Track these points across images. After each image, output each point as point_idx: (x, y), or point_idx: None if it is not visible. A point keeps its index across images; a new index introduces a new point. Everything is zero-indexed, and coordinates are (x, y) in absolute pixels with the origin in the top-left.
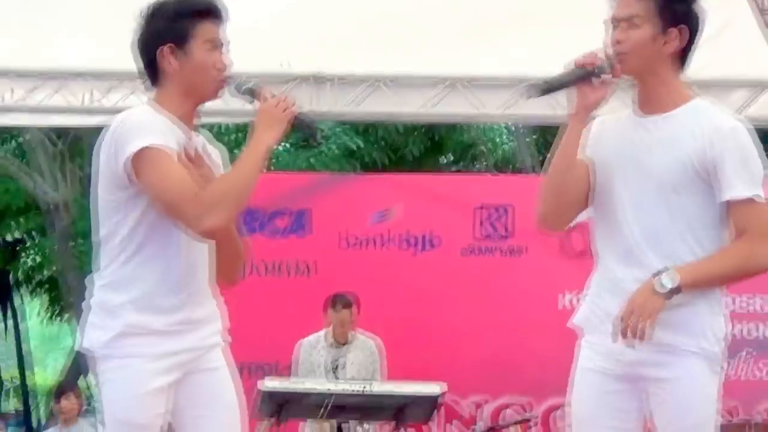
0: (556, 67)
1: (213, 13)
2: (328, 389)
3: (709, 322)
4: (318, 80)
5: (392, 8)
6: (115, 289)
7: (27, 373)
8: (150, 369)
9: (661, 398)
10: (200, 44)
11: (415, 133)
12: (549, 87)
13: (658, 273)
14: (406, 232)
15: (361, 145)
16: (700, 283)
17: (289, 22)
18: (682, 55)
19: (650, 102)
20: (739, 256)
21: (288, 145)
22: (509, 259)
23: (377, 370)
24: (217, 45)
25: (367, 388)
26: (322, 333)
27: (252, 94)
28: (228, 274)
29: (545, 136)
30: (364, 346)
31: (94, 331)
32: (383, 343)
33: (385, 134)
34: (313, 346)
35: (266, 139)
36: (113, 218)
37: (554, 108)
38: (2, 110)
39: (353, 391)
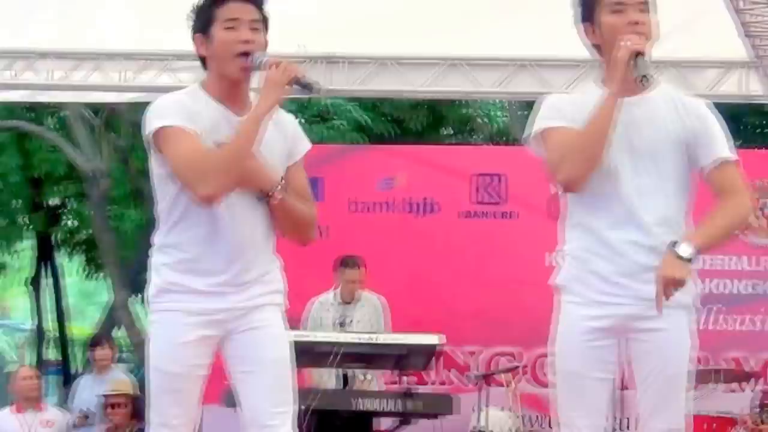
0: (544, 48)
1: None
2: (337, 340)
3: (692, 279)
4: (330, 61)
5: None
6: (161, 252)
7: (66, 325)
8: (186, 323)
9: (652, 347)
10: (220, 25)
11: (419, 108)
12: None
13: (673, 244)
14: (409, 197)
15: (370, 119)
16: (707, 248)
17: (305, 8)
18: None
19: (630, 83)
20: (734, 214)
21: (303, 120)
22: (502, 221)
23: (382, 325)
24: (239, 23)
25: (372, 339)
26: (331, 292)
27: (260, 67)
28: (296, 237)
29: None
30: (371, 303)
31: (147, 290)
32: (388, 298)
33: (391, 109)
34: (324, 304)
35: (263, 104)
36: (161, 191)
37: (542, 86)
38: (45, 88)
39: (360, 341)
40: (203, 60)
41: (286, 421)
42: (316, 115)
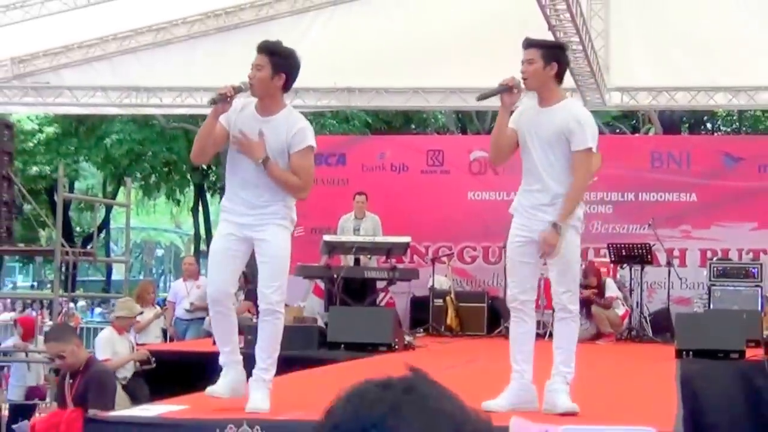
0: (464, 82)
1: (258, 49)
2: (354, 240)
3: (577, 211)
4: (350, 90)
5: (383, 52)
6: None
7: (211, 232)
8: (227, 226)
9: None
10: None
11: (398, 114)
12: (484, 95)
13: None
14: (392, 163)
15: (372, 120)
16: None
17: (338, 58)
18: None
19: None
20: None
21: (336, 122)
22: (442, 175)
23: (378, 231)
24: (252, 66)
25: (373, 239)
26: (351, 213)
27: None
28: (289, 194)
29: (459, 115)
30: (373, 219)
31: None
32: (381, 216)
33: (384, 115)
34: (347, 219)
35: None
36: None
37: (463, 102)
38: (198, 107)
39: (366, 240)
40: None
41: (277, 291)
42: (343, 118)
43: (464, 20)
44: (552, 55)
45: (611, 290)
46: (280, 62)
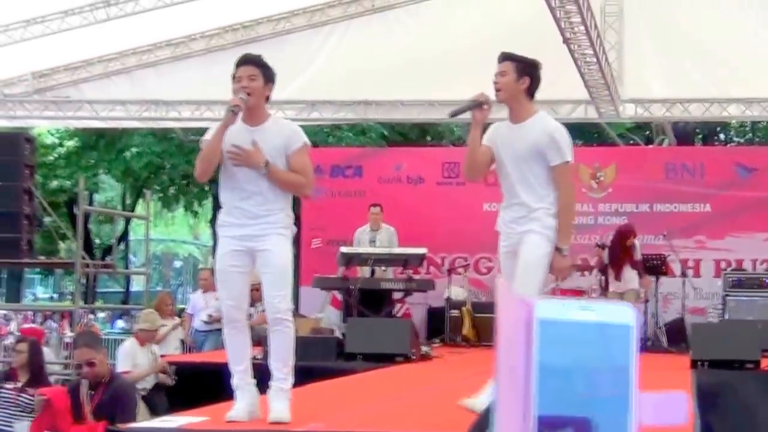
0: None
1: (239, 63)
2: (371, 251)
3: (550, 221)
4: (366, 103)
5: (399, 65)
6: (222, 205)
7: None
8: (228, 242)
9: (522, 248)
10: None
11: (414, 127)
12: (455, 112)
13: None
14: (408, 175)
15: (388, 132)
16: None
17: (350, 72)
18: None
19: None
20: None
21: (352, 134)
22: (458, 187)
23: (394, 243)
24: (237, 80)
25: (389, 250)
26: (367, 225)
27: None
28: (294, 194)
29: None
30: (388, 231)
31: None
32: (397, 228)
33: (400, 127)
34: (363, 231)
35: (221, 122)
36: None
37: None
38: (216, 119)
39: (382, 251)
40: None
41: (284, 299)
42: (359, 130)
43: (479, 33)
44: (525, 70)
45: (639, 252)
46: (269, 73)
